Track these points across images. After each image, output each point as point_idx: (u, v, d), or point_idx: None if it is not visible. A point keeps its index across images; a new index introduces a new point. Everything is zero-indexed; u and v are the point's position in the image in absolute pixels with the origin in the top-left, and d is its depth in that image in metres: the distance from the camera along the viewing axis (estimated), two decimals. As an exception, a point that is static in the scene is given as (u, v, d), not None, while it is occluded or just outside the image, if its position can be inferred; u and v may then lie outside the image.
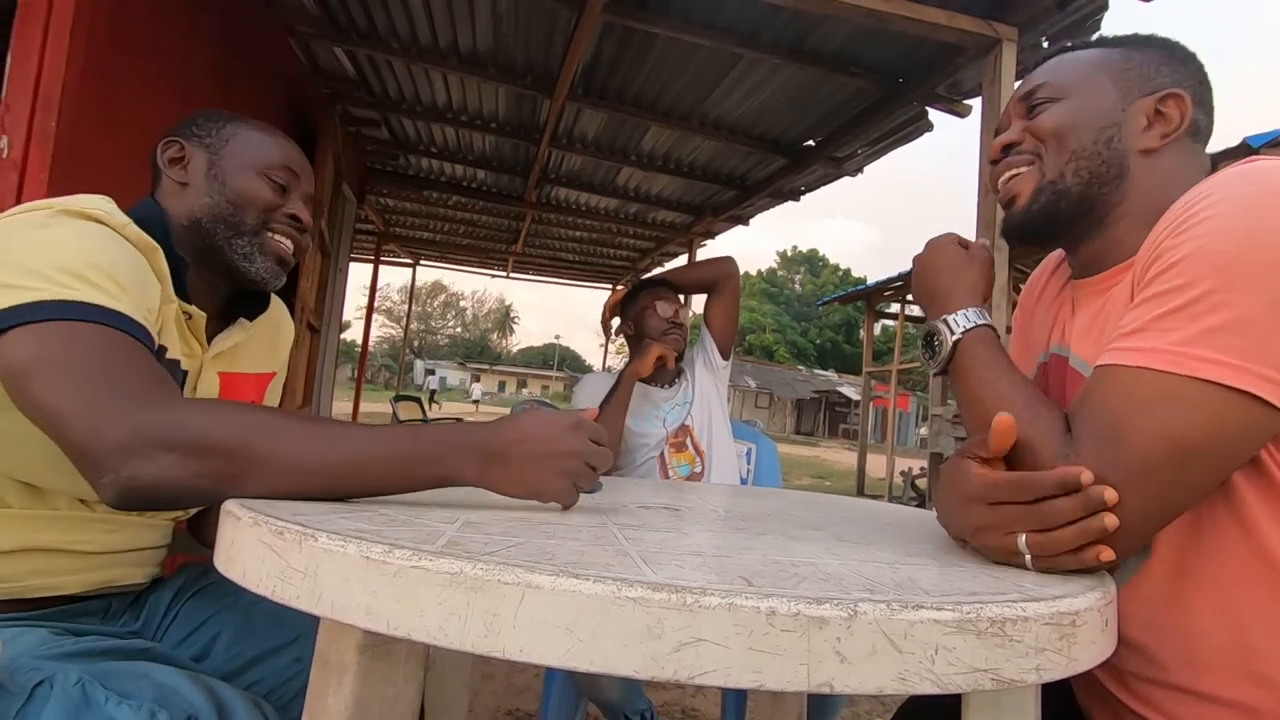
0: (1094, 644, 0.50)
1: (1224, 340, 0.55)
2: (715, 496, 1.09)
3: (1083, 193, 0.75)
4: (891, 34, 2.92)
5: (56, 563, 0.83)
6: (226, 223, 0.92)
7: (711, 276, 2.03)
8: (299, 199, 0.98)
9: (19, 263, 0.70)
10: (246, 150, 0.95)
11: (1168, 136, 0.73)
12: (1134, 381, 0.59)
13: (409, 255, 9.58)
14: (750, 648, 0.41)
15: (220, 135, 0.95)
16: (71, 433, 0.64)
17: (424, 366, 53.47)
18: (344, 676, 0.54)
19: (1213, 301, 0.56)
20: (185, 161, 0.94)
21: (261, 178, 0.94)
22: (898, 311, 10.93)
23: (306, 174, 1.01)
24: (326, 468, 0.64)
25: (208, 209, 0.91)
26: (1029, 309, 0.93)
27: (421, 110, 4.60)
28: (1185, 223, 0.61)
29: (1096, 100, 0.75)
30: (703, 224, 6.14)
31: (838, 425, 39.52)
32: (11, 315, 0.67)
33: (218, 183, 0.93)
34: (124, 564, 0.91)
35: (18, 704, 0.67)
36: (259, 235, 0.94)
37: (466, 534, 0.54)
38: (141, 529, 0.92)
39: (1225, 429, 0.56)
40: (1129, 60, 0.76)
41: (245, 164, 0.94)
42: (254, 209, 0.93)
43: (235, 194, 0.92)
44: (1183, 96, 0.73)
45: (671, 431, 1.91)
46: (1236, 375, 0.55)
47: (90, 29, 1.82)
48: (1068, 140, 0.75)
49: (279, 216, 0.95)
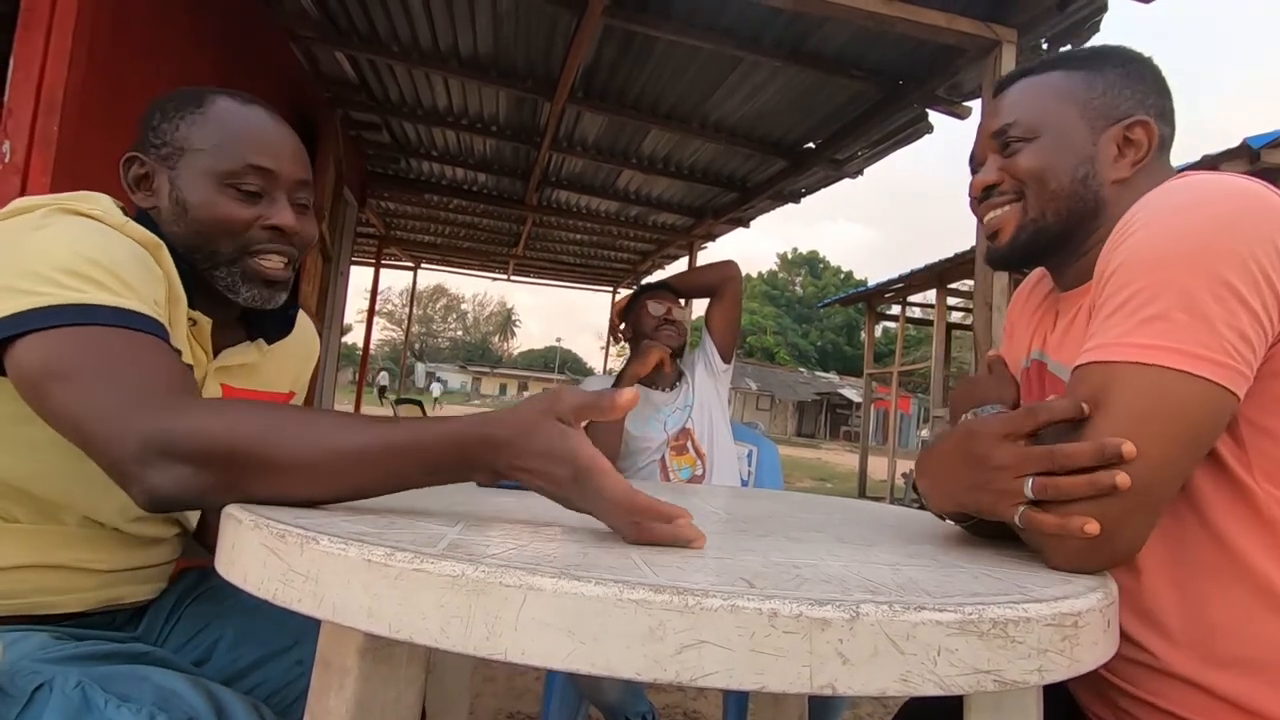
0: (1096, 645, 0.50)
1: (1157, 327, 0.61)
2: (716, 499, 1.08)
3: (1063, 228, 0.80)
4: (891, 36, 2.92)
5: (63, 580, 0.81)
6: (201, 253, 0.83)
7: (713, 280, 2.04)
8: (282, 198, 0.85)
9: (20, 265, 0.68)
10: (205, 157, 0.82)
11: (1139, 164, 0.78)
12: (1086, 377, 0.64)
13: (410, 258, 9.59)
14: (752, 649, 0.41)
15: (175, 140, 0.83)
16: (94, 446, 0.63)
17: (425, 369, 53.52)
18: (345, 679, 0.54)
19: (1144, 296, 0.62)
20: (149, 180, 0.84)
21: (225, 190, 0.82)
22: (899, 313, 10.93)
23: (288, 160, 0.86)
24: (340, 462, 0.61)
25: (180, 239, 0.82)
26: (1016, 316, 0.97)
27: (422, 114, 4.62)
28: (1123, 235, 0.67)
29: (1068, 138, 0.79)
30: (703, 226, 6.15)
31: (839, 427, 39.52)
32: (19, 322, 0.65)
33: (180, 209, 0.82)
34: (130, 581, 0.89)
35: (17, 707, 0.67)
36: (238, 263, 0.84)
37: (468, 537, 0.54)
38: (150, 547, 0.90)
39: (1166, 404, 0.59)
40: (1091, 88, 0.79)
41: (204, 175, 0.82)
42: (225, 236, 0.82)
43: (199, 222, 0.82)
44: (1149, 122, 0.77)
45: (672, 435, 1.91)
46: (1167, 355, 0.60)
47: (92, 34, 1.82)
48: (1047, 181, 0.79)
49: (257, 235, 0.84)
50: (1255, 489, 0.64)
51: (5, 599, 0.77)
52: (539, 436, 0.58)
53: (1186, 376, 0.59)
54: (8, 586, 0.77)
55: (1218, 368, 0.59)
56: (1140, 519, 0.60)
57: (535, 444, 0.58)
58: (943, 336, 8.94)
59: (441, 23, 3.42)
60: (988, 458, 0.63)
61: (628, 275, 9.04)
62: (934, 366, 8.89)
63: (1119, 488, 0.56)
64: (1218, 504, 0.65)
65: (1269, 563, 0.63)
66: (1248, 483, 0.64)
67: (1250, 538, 0.64)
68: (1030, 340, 0.89)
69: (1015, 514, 0.61)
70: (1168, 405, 0.59)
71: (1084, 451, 0.58)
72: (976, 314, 2.78)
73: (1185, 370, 0.59)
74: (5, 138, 1.73)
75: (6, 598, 0.77)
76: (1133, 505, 0.58)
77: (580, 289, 10.31)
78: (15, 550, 0.77)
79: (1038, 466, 0.60)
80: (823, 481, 11.50)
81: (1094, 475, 0.57)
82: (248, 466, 0.60)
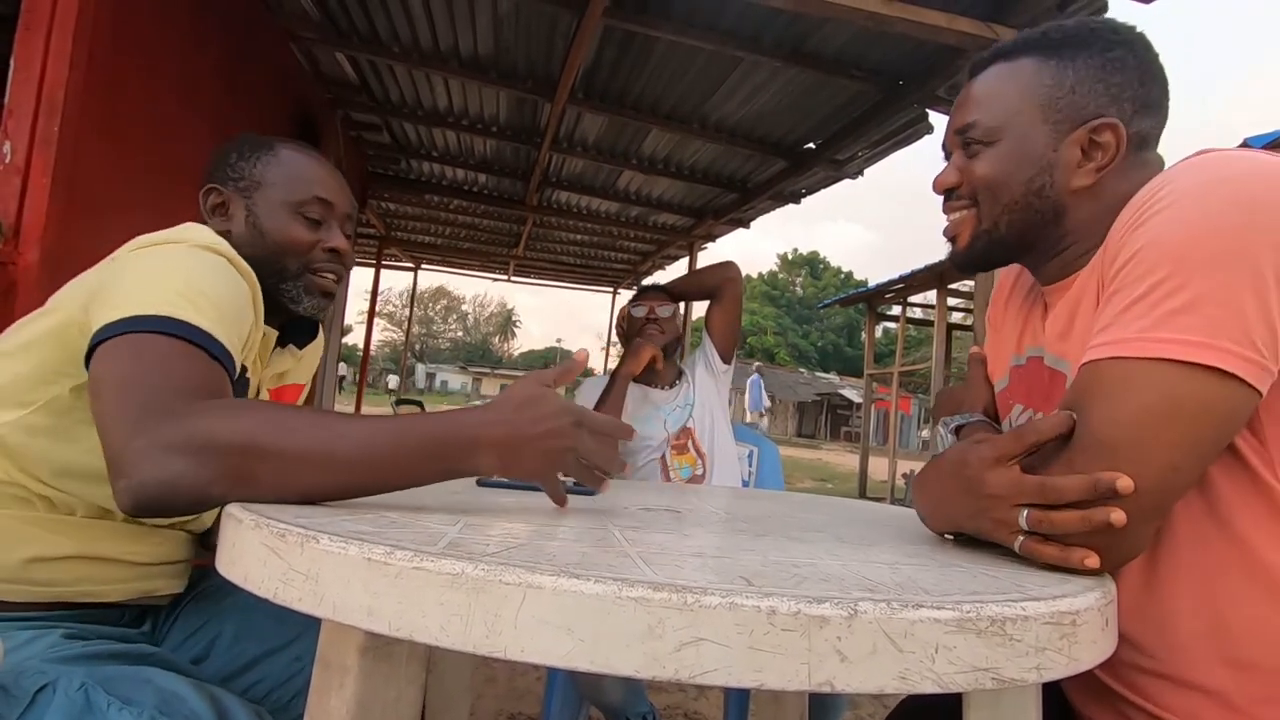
0: (1095, 643, 0.50)
1: (1183, 321, 0.57)
2: (716, 498, 1.09)
3: (1019, 239, 0.78)
4: (892, 36, 2.92)
5: (107, 571, 0.85)
6: (270, 269, 0.95)
7: (712, 282, 2.05)
8: (336, 226, 1.01)
9: (138, 286, 0.74)
10: (279, 190, 0.98)
11: (1103, 169, 0.73)
12: (1100, 372, 0.61)
13: (410, 259, 9.59)
14: (751, 647, 0.41)
15: (253, 176, 0.98)
16: (105, 439, 0.65)
17: (425, 370, 53.46)
18: (346, 678, 0.54)
19: (1169, 287, 0.58)
20: (226, 208, 0.98)
21: (296, 217, 0.97)
22: (899, 314, 10.93)
23: (342, 195, 1.02)
24: (334, 460, 0.62)
25: (251, 256, 0.92)
26: (1000, 311, 0.94)
27: (422, 114, 4.62)
28: (1141, 216, 0.63)
29: (1027, 144, 0.75)
30: (704, 227, 6.14)
31: (839, 428, 39.48)
32: (107, 330, 0.69)
33: (256, 231, 0.96)
34: (166, 575, 0.93)
35: (20, 708, 0.67)
36: (301, 277, 0.98)
37: (467, 536, 0.54)
38: (181, 542, 0.95)
39: (1188, 406, 0.57)
40: (1061, 83, 0.74)
41: (278, 205, 0.97)
42: (293, 254, 0.97)
43: (274, 242, 0.96)
44: (1117, 125, 0.72)
45: (673, 434, 1.91)
46: (1196, 350, 0.56)
47: (93, 34, 1.82)
48: (1000, 193, 0.76)
49: (318, 255, 0.99)
50: (1277, 487, 0.61)
51: (54, 586, 0.82)
52: (544, 402, 0.66)
53: (1214, 374, 0.56)
54: (58, 575, 0.82)
55: (1248, 364, 0.56)
56: (1147, 525, 0.59)
57: (543, 408, 0.65)
58: (943, 337, 8.93)
59: (442, 23, 3.42)
60: (981, 486, 0.62)
61: (628, 276, 9.04)
62: (934, 367, 8.89)
63: (1113, 525, 0.55)
64: (1236, 502, 0.62)
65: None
66: (1269, 480, 0.61)
67: (1269, 537, 0.62)
68: (1020, 336, 0.86)
69: (1015, 543, 0.60)
70: (1192, 406, 0.57)
71: (1076, 487, 0.57)
72: (977, 314, 2.78)
73: (1214, 366, 0.56)
74: (6, 138, 1.73)
75: (55, 585, 0.82)
76: (1138, 515, 0.56)
77: (581, 290, 10.31)
78: (70, 542, 0.82)
79: (1031, 498, 0.59)
80: (823, 482, 11.49)
81: (1089, 512, 0.56)
82: (252, 456, 0.61)
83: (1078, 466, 0.59)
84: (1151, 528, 0.60)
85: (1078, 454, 0.60)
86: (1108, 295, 0.64)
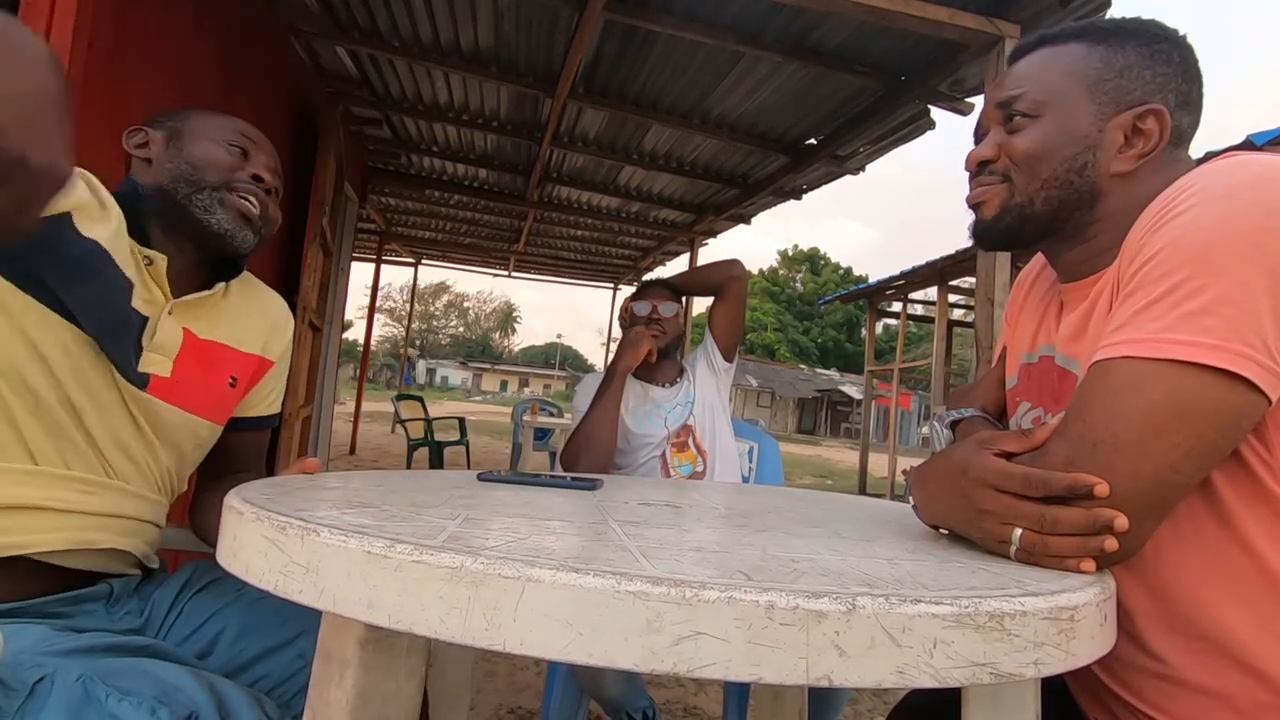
0: (1093, 639, 0.50)
1: (1201, 323, 0.57)
2: (716, 494, 1.09)
3: (1051, 217, 0.76)
4: (893, 32, 2.91)
5: (35, 520, 0.83)
6: (187, 181, 0.98)
7: (717, 279, 2.03)
8: (261, 162, 1.04)
9: None
10: (202, 124, 1.03)
11: (1144, 156, 0.73)
12: (1112, 371, 0.60)
13: (411, 254, 9.60)
14: (749, 641, 0.41)
15: (178, 117, 1.03)
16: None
17: (425, 366, 53.44)
18: (346, 670, 0.54)
19: (1189, 289, 0.58)
20: (148, 142, 1.02)
21: (218, 144, 1.01)
22: (900, 310, 10.92)
23: (266, 147, 1.06)
24: None
25: (169, 174, 0.98)
26: (1017, 309, 0.93)
27: (423, 109, 4.61)
28: (1163, 217, 0.62)
29: (1072, 121, 0.74)
30: (704, 223, 6.14)
31: (840, 424, 39.51)
32: None
33: (177, 151, 1.00)
34: (109, 530, 0.90)
35: (19, 700, 0.67)
36: (219, 191, 1.00)
37: (467, 530, 0.54)
38: (125, 496, 0.92)
39: (1196, 407, 0.57)
40: (1109, 67, 0.74)
41: (202, 134, 1.02)
42: (213, 169, 1.00)
43: (193, 157, 1.00)
44: (1162, 112, 0.72)
45: (674, 431, 1.91)
46: (1211, 353, 0.56)
47: (93, 28, 1.82)
48: (1040, 168, 0.75)
49: (241, 177, 1.01)
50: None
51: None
52: None
53: (1225, 377, 0.56)
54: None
55: (1260, 369, 0.56)
56: (1148, 526, 0.59)
57: None
58: (944, 333, 8.93)
59: (442, 18, 3.41)
60: (976, 500, 0.62)
61: (629, 271, 9.03)
62: (935, 364, 8.89)
63: (1106, 551, 0.55)
64: (1240, 507, 0.62)
65: None
66: (1274, 487, 0.61)
67: (1274, 542, 0.61)
68: (1035, 333, 0.86)
69: (1008, 551, 0.60)
70: (1199, 408, 0.56)
71: (1074, 520, 0.56)
72: (978, 311, 2.78)
73: (1226, 369, 0.55)
74: (6, 132, 1.73)
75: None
76: (1134, 514, 0.56)
77: (581, 285, 10.30)
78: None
79: (1026, 522, 0.58)
80: (823, 478, 11.50)
81: (1083, 541, 0.56)
82: None
83: (1075, 461, 0.59)
84: (1149, 528, 0.60)
85: (1076, 448, 0.59)
86: (1123, 295, 0.63)
